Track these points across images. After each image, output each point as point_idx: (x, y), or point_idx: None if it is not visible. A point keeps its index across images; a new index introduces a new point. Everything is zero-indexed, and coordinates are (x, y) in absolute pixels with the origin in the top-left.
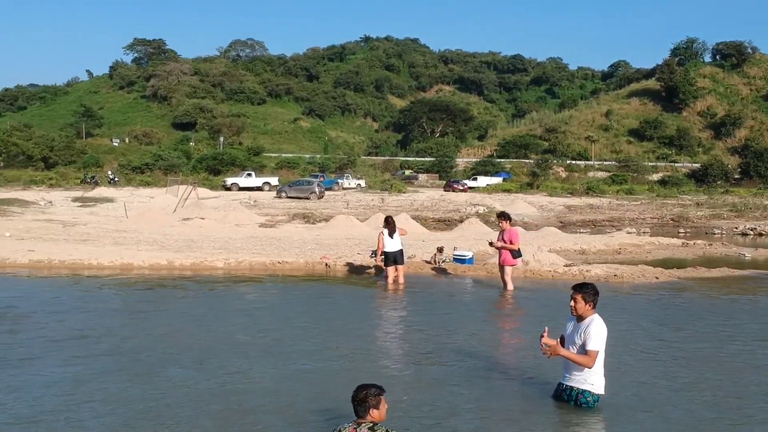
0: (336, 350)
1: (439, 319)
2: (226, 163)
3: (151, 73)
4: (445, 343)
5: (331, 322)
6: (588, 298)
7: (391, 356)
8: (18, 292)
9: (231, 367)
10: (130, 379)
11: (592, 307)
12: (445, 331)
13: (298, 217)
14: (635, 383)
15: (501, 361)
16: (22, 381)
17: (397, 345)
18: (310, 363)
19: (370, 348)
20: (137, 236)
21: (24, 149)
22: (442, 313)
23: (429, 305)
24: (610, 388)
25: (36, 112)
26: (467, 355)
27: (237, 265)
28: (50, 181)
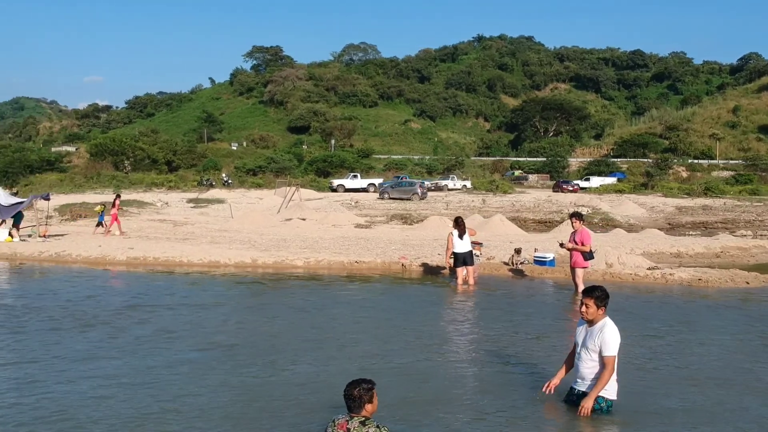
0: (383, 353)
1: (500, 322)
2: (335, 165)
3: (269, 79)
4: (497, 345)
5: (389, 321)
6: (599, 303)
7: (435, 357)
8: (139, 287)
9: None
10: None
11: (604, 312)
12: (503, 333)
13: (396, 218)
14: (660, 394)
15: (540, 366)
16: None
17: (447, 346)
18: (378, 362)
19: (415, 348)
20: (235, 236)
21: (149, 153)
22: (506, 315)
23: (495, 307)
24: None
25: (163, 119)
26: (512, 358)
27: (316, 264)
28: (170, 183)
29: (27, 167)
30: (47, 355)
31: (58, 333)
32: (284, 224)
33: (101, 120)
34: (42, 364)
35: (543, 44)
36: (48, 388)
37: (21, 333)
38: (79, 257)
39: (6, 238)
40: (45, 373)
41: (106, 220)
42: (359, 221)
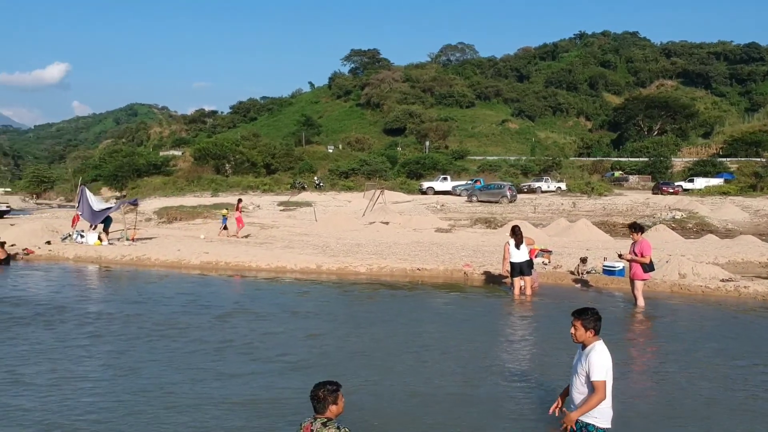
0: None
1: (549, 335)
2: (428, 167)
3: (366, 81)
4: (535, 360)
5: (437, 332)
6: (588, 325)
7: (470, 372)
8: (235, 292)
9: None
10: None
11: (594, 334)
12: (549, 348)
13: (481, 222)
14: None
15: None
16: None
17: (487, 359)
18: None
19: (451, 357)
20: (313, 240)
21: (249, 157)
22: (557, 328)
23: (546, 319)
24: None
25: (264, 122)
26: (547, 380)
27: (378, 271)
28: (264, 186)
29: (135, 171)
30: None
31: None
32: (366, 228)
33: (207, 125)
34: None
35: (649, 39)
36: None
37: (98, 338)
38: (157, 261)
39: (95, 242)
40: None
41: (230, 222)
42: (442, 225)
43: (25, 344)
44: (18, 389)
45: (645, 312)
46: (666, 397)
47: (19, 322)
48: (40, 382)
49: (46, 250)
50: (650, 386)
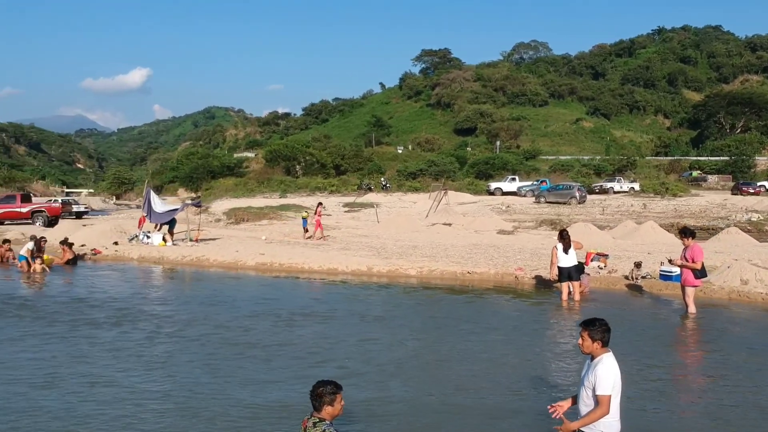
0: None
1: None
2: (497, 168)
3: (436, 81)
4: (575, 370)
5: (479, 339)
6: (595, 336)
7: (511, 383)
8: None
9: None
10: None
11: (602, 345)
12: (584, 359)
13: (546, 224)
14: None
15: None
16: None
17: (528, 369)
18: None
19: (493, 366)
20: (371, 241)
21: (318, 158)
22: None
23: None
24: None
25: (336, 124)
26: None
27: (429, 274)
28: (332, 187)
29: (209, 172)
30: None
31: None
32: (427, 229)
33: (280, 126)
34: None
35: (732, 33)
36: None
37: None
38: (215, 261)
39: (160, 243)
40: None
41: (309, 225)
42: (505, 227)
43: (78, 343)
44: (57, 387)
45: (696, 319)
46: (714, 413)
47: (72, 322)
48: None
49: (112, 250)
50: (697, 399)
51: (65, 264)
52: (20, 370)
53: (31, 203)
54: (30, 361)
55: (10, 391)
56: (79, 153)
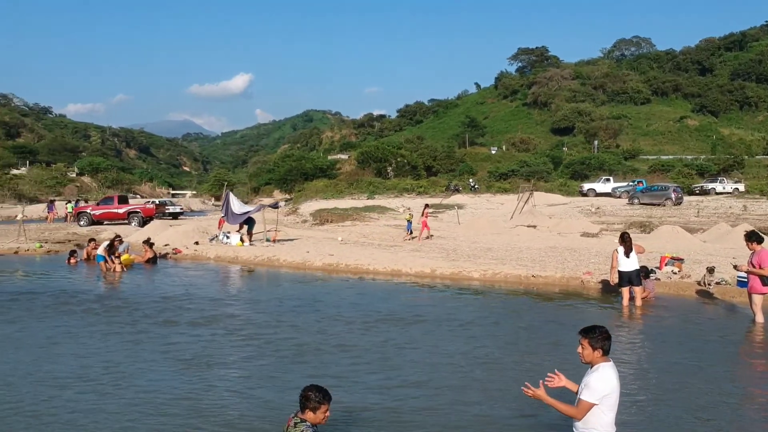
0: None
1: (650, 353)
2: (593, 168)
3: (533, 80)
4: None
5: (527, 346)
6: (595, 344)
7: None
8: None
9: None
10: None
11: (602, 354)
12: (639, 367)
13: (635, 226)
14: None
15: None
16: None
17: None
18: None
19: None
20: (446, 243)
21: (409, 160)
22: (656, 346)
23: (652, 334)
24: None
25: (430, 125)
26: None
27: (492, 277)
28: (419, 189)
29: (303, 174)
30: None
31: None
32: (508, 231)
33: (375, 128)
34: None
35: None
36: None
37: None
38: (285, 262)
39: (237, 243)
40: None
41: (415, 226)
42: (591, 229)
43: (132, 341)
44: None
45: (764, 329)
46: None
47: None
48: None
49: (192, 250)
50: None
51: (146, 262)
52: (68, 365)
53: (127, 204)
54: (80, 357)
55: (67, 383)
56: (186, 156)
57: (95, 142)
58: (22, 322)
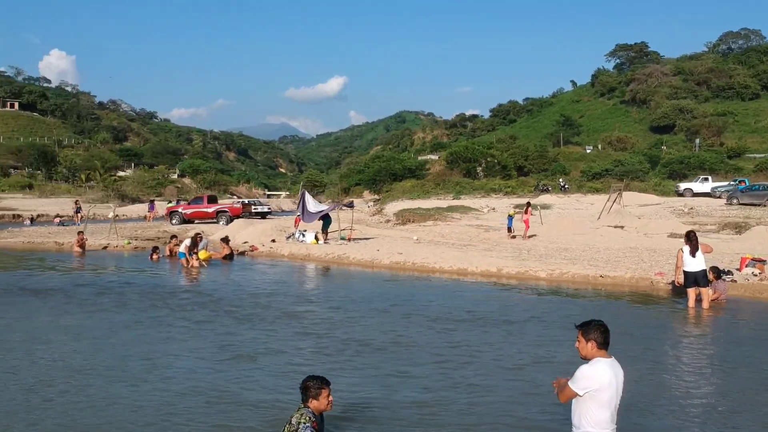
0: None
1: (711, 356)
2: (693, 167)
3: (631, 77)
4: (678, 390)
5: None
6: (588, 335)
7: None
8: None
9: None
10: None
11: (597, 347)
12: (695, 370)
13: (729, 227)
14: None
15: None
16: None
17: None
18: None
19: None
20: (522, 243)
21: (500, 160)
22: (721, 352)
23: (717, 337)
24: None
25: (524, 124)
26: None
27: (559, 276)
28: (507, 189)
29: (391, 175)
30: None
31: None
32: (591, 231)
33: (467, 129)
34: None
35: None
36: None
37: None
38: (354, 259)
39: (312, 241)
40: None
41: (516, 224)
42: (681, 230)
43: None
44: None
45: None
46: None
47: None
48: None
49: (267, 247)
50: None
51: (223, 259)
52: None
53: (216, 204)
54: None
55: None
56: (282, 158)
57: (197, 145)
58: (88, 312)
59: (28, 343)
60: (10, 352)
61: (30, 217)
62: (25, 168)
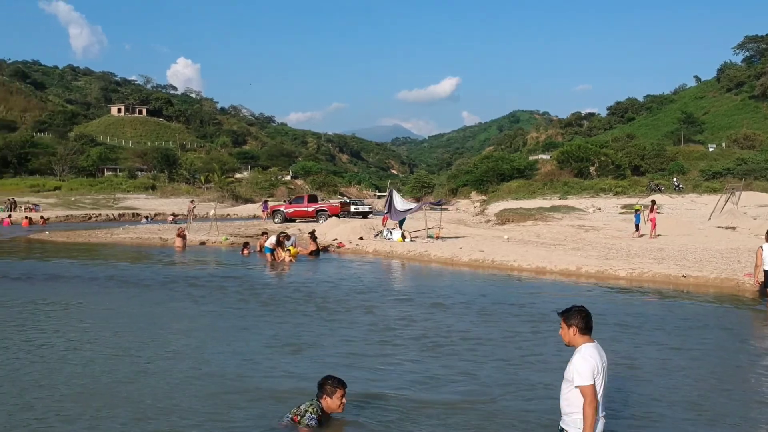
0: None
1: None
2: None
3: (762, 70)
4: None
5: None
6: (569, 320)
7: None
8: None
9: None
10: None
11: (579, 332)
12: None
13: None
14: None
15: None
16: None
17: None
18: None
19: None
20: (615, 243)
21: (613, 159)
22: None
23: None
24: None
25: (642, 122)
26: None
27: (639, 276)
28: (617, 189)
29: (499, 175)
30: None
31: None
32: (698, 232)
33: (583, 127)
34: None
35: None
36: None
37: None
38: (434, 257)
39: (398, 239)
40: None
41: (643, 222)
42: None
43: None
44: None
45: None
46: None
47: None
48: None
49: (354, 244)
50: None
51: (310, 254)
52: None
53: (316, 203)
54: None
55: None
56: (394, 160)
57: (311, 148)
58: (173, 299)
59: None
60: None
61: (147, 215)
62: (150, 170)
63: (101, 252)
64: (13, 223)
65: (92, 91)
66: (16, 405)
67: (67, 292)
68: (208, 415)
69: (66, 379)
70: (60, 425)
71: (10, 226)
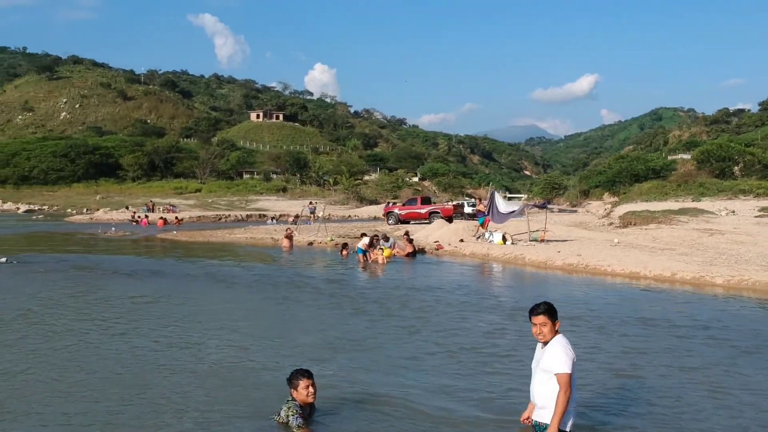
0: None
1: None
2: None
3: None
4: None
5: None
6: (553, 317)
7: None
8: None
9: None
10: None
11: (549, 325)
12: None
13: None
14: None
15: None
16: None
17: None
18: None
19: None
20: (733, 248)
21: (760, 159)
22: None
23: None
24: None
25: None
26: None
27: (738, 283)
28: (759, 190)
29: (633, 176)
30: None
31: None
32: None
33: (731, 125)
34: None
35: None
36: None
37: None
38: (528, 260)
39: (499, 241)
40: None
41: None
42: None
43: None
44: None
45: None
46: None
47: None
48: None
49: (453, 246)
50: None
51: (406, 256)
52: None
53: (429, 205)
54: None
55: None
56: (527, 160)
57: (441, 150)
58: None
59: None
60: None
61: (273, 216)
62: (284, 173)
63: (211, 250)
64: (150, 223)
65: (235, 99)
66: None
67: (150, 287)
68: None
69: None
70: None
71: (147, 226)
